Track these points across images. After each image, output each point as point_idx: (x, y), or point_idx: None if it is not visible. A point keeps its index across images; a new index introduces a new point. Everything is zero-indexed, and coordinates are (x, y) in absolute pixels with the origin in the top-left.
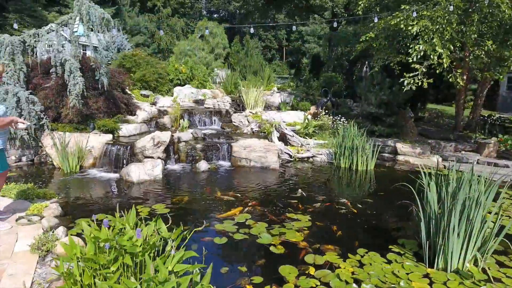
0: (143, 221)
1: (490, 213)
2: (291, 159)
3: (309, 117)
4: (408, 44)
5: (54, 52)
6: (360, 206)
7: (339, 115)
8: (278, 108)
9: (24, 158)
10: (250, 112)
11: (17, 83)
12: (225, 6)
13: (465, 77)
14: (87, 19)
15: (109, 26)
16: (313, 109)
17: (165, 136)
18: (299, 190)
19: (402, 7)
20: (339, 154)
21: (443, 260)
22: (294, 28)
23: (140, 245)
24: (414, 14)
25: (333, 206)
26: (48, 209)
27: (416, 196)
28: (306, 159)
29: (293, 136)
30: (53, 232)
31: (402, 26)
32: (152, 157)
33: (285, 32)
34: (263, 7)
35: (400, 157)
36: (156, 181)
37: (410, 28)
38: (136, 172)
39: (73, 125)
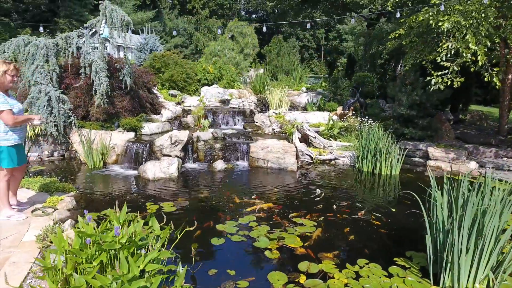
0: (138, 218)
1: None
2: (312, 161)
3: (335, 118)
4: (438, 42)
5: (83, 54)
6: (374, 213)
7: (367, 117)
8: (305, 109)
9: (55, 153)
10: (273, 112)
11: (50, 83)
12: (263, 7)
13: (510, 76)
14: (110, 21)
15: (129, 27)
16: (339, 110)
17: (182, 135)
18: (317, 190)
19: (432, 1)
20: (361, 157)
21: (450, 278)
22: (319, 21)
23: (125, 242)
24: (442, 8)
25: (345, 212)
26: (63, 202)
27: (422, 205)
28: (327, 161)
29: (315, 137)
30: (58, 224)
31: (431, 22)
32: (170, 156)
33: (323, 31)
34: (297, 6)
35: (431, 162)
36: (171, 179)
37: (440, 24)
38: (152, 169)
39: (99, 123)
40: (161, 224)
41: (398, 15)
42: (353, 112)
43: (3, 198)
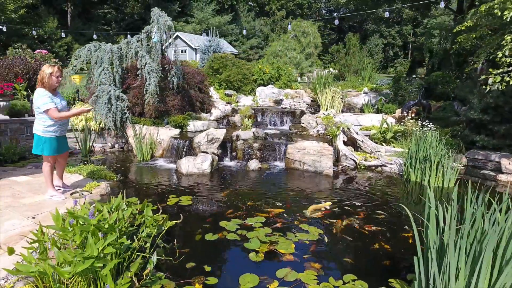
0: (149, 208)
1: None
2: (356, 166)
3: (391, 120)
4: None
5: (139, 57)
6: (391, 227)
7: (429, 120)
8: (361, 110)
9: (116, 145)
10: (323, 113)
11: (112, 83)
12: (346, 4)
13: None
14: (157, 26)
15: (171, 31)
16: (398, 112)
17: (219, 133)
18: (322, 201)
19: None
20: (408, 165)
21: None
22: (386, 14)
23: (107, 227)
24: None
25: (361, 223)
26: (98, 187)
27: (413, 226)
28: (373, 167)
29: (363, 141)
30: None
31: (496, 11)
32: (206, 152)
33: (410, 27)
34: (372, 1)
35: (502, 177)
36: (204, 175)
37: (506, 13)
38: (186, 164)
39: (151, 120)
40: (161, 214)
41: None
42: (414, 115)
43: (47, 180)
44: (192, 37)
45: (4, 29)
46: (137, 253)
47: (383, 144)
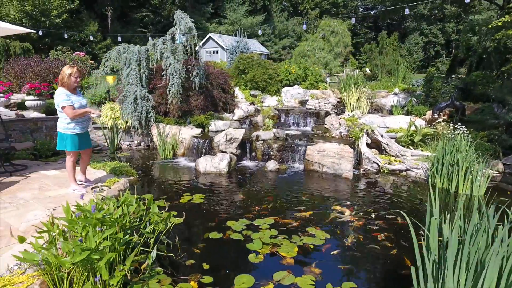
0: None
1: None
2: (379, 170)
3: (421, 123)
4: None
5: (164, 58)
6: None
7: (463, 123)
8: (390, 112)
9: (142, 143)
10: (347, 114)
11: (139, 83)
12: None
13: None
14: (180, 28)
15: (191, 32)
16: (428, 114)
17: (237, 133)
18: (340, 208)
19: None
20: (434, 171)
21: None
22: (407, 11)
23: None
24: None
25: (372, 230)
26: (117, 183)
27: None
28: (398, 172)
29: (387, 144)
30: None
31: None
32: (225, 152)
33: (454, 24)
34: None
35: None
36: (221, 174)
37: None
38: (204, 163)
39: (174, 119)
40: (169, 211)
41: None
42: (447, 117)
43: (70, 175)
44: (224, 38)
45: (40, 33)
46: (141, 248)
47: (411, 147)
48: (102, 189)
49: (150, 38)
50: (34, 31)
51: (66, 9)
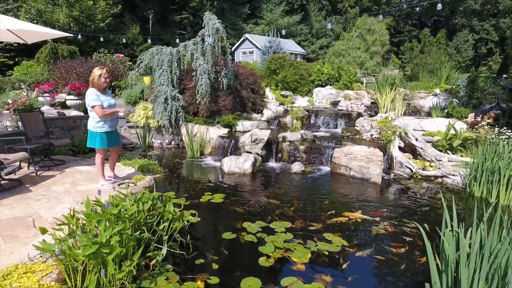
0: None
1: None
2: (412, 176)
3: (461, 126)
4: None
5: (194, 59)
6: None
7: (508, 127)
8: (428, 114)
9: (173, 142)
10: (380, 116)
11: (170, 84)
12: None
13: None
14: (208, 28)
15: (218, 33)
16: (471, 117)
17: (263, 134)
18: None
19: None
20: (473, 178)
21: None
22: (439, 6)
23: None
24: None
25: (394, 240)
26: (142, 180)
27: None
28: (432, 178)
29: (422, 148)
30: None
31: None
32: (250, 153)
33: (509, 19)
34: None
35: None
36: (245, 175)
37: None
38: (228, 163)
39: (203, 119)
40: (185, 210)
41: None
42: (491, 120)
43: (99, 171)
44: (259, 38)
45: (80, 36)
46: (155, 245)
47: (449, 152)
48: (128, 185)
49: (193, 39)
50: (71, 35)
51: (109, 14)
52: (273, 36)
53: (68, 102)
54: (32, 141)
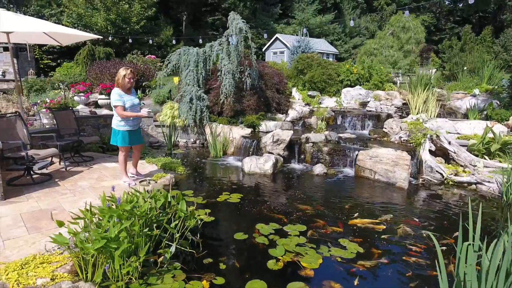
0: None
1: None
2: (443, 181)
3: (501, 129)
4: None
5: (220, 59)
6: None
7: None
8: (465, 116)
9: (198, 142)
10: (411, 117)
11: (195, 84)
12: None
13: None
14: (232, 29)
15: (241, 33)
16: None
17: (285, 134)
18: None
19: None
20: (510, 186)
21: None
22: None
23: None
24: None
25: (418, 254)
26: (163, 178)
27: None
28: (466, 184)
29: (455, 152)
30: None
31: None
32: (272, 153)
33: None
34: None
35: None
36: (265, 175)
37: None
38: (248, 163)
39: (227, 119)
40: (198, 209)
41: None
42: None
43: (121, 167)
44: (290, 38)
45: (110, 38)
46: (166, 242)
47: (485, 157)
48: (149, 182)
49: (219, 39)
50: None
51: (144, 16)
52: (302, 36)
53: (99, 102)
54: (64, 137)
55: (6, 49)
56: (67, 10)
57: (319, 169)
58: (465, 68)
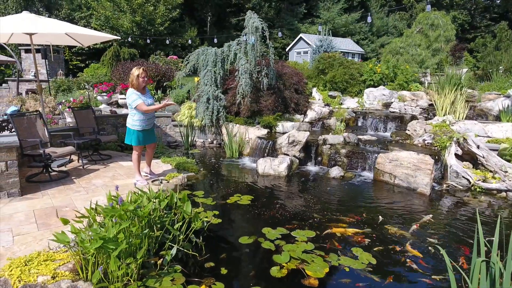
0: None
1: None
2: (469, 188)
3: None
4: None
5: (237, 59)
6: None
7: None
8: (498, 118)
9: (215, 141)
10: (437, 119)
11: (213, 84)
12: None
13: None
14: (249, 27)
15: (257, 32)
16: None
17: (300, 136)
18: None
19: None
20: None
21: None
22: None
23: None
24: None
25: (437, 269)
26: (175, 178)
27: None
28: (495, 191)
29: (484, 156)
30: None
31: None
32: (287, 155)
33: None
34: None
35: None
36: (279, 177)
37: None
38: (262, 165)
39: (243, 119)
40: (202, 211)
41: None
42: None
43: (135, 166)
44: (314, 37)
45: (129, 39)
46: (170, 244)
47: None
48: (161, 182)
49: (237, 39)
50: (118, 38)
51: (168, 18)
52: (325, 35)
53: (119, 101)
54: (84, 136)
55: (38, 51)
56: (95, 13)
57: (335, 172)
58: (500, 67)
